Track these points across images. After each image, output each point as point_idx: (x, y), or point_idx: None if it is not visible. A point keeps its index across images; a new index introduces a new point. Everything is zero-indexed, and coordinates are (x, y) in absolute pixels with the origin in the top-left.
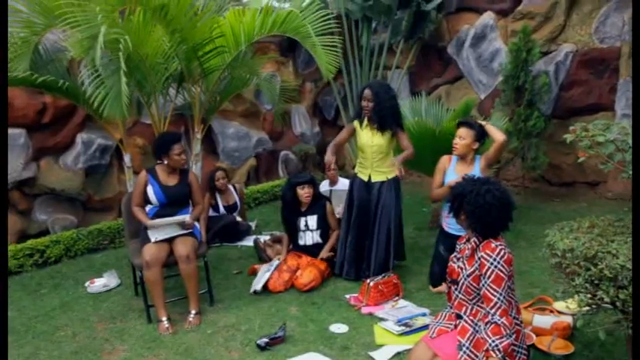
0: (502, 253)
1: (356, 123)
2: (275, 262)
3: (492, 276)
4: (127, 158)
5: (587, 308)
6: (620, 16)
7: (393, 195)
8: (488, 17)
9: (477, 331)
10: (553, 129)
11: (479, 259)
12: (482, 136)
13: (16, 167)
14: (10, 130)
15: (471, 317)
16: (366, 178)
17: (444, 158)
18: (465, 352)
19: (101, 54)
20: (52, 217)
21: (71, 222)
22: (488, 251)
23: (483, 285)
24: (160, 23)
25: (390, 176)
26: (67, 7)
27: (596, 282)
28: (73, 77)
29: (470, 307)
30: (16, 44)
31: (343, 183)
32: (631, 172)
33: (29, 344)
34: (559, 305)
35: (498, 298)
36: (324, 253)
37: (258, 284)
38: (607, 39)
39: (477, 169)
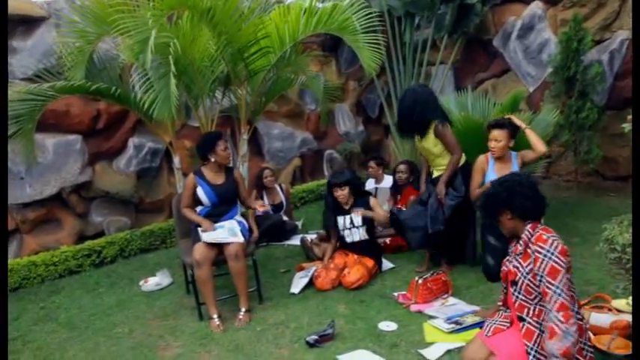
0: (555, 244)
1: None
2: (312, 269)
3: (547, 268)
4: (176, 160)
5: None
6: None
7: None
8: (536, 7)
9: (543, 332)
10: (607, 120)
11: (533, 253)
12: (515, 132)
13: (74, 172)
14: (67, 137)
15: (535, 318)
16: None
17: (482, 158)
18: (534, 356)
19: (151, 58)
20: (107, 218)
21: (125, 223)
22: (540, 243)
23: (540, 280)
24: (206, 26)
25: None
26: (118, 15)
27: None
28: (125, 84)
29: (532, 307)
30: (73, 54)
31: (388, 180)
32: None
33: (89, 340)
34: (618, 303)
35: (554, 292)
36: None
37: (295, 288)
38: None
39: (515, 167)
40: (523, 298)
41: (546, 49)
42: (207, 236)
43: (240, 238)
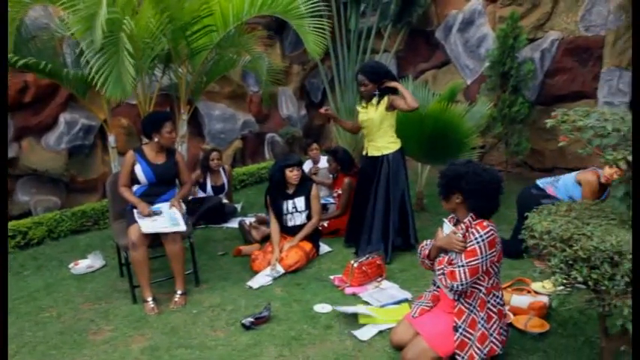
0: (490, 234)
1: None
2: (281, 271)
3: (470, 248)
4: (111, 139)
5: (562, 288)
6: (605, 5)
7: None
8: (476, 2)
9: (472, 312)
10: (536, 115)
11: (469, 234)
12: None
13: None
14: None
15: (468, 300)
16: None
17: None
18: (461, 334)
19: (90, 34)
20: (34, 198)
21: (54, 203)
22: (479, 228)
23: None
24: (149, 2)
25: (385, 152)
26: None
27: (570, 262)
28: (56, 56)
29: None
30: None
31: (323, 161)
32: (608, 157)
33: (13, 325)
34: (536, 286)
35: (457, 264)
36: (293, 241)
37: (255, 282)
38: (592, 27)
39: None
40: None
41: (484, 44)
42: (147, 227)
43: (183, 227)
